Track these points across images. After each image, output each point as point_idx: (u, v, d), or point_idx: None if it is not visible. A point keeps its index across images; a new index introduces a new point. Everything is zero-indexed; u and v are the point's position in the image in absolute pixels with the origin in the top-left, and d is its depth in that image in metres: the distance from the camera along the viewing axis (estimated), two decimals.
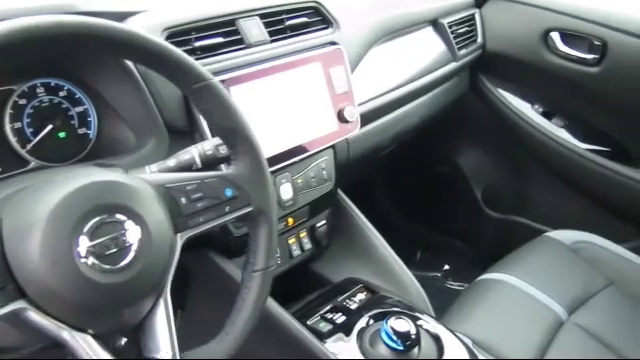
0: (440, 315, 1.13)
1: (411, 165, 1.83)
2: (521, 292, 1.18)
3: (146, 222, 0.58)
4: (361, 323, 0.92)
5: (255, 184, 0.69)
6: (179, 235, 0.64)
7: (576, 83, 1.45)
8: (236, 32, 0.93)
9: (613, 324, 1.16)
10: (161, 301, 0.62)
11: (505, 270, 1.23)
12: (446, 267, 1.82)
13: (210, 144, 0.74)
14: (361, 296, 1.03)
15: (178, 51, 0.64)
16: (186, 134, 0.85)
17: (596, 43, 1.38)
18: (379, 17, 1.21)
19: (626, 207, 1.48)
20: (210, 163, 0.73)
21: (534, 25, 1.47)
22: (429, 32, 1.39)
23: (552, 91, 1.52)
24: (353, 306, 1.00)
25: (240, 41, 0.92)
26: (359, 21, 1.15)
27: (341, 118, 1.03)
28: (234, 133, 0.68)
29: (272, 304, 0.94)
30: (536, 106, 1.55)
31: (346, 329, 0.92)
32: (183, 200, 0.64)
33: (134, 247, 0.57)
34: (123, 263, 0.56)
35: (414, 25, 1.33)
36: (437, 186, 1.81)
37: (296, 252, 1.08)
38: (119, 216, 0.57)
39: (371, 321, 0.92)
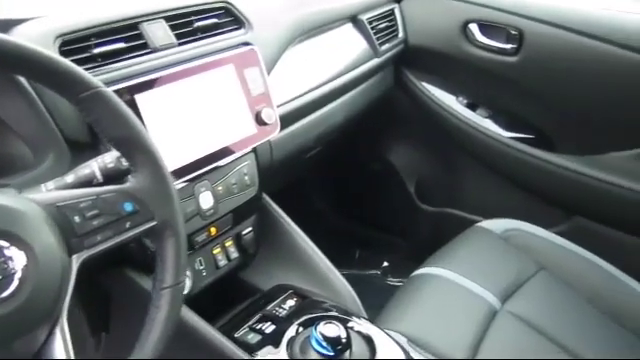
0: (379, 313, 1.12)
1: (343, 164, 1.81)
2: (454, 285, 1.18)
3: (32, 247, 0.54)
4: (291, 331, 0.89)
5: (157, 196, 0.64)
6: (74, 257, 0.59)
7: (497, 73, 1.46)
8: (140, 36, 0.88)
9: (545, 309, 1.17)
10: (57, 330, 0.57)
11: (438, 264, 1.23)
12: (385, 264, 1.81)
13: (111, 156, 0.69)
14: (291, 302, 1.00)
15: (60, 59, 0.59)
16: (89, 147, 0.79)
17: (513, 33, 1.40)
18: (295, 15, 1.18)
19: (552, 192, 1.51)
20: (113, 176, 0.69)
21: (453, 17, 1.48)
22: (349, 29, 1.38)
23: (475, 82, 1.53)
24: (283, 314, 0.97)
25: (144, 45, 0.88)
26: (273, 20, 1.12)
27: (259, 121, 0.99)
28: (130, 143, 0.64)
29: (196, 320, 0.90)
30: (460, 98, 1.56)
31: (275, 339, 0.89)
32: (77, 219, 0.59)
33: (18, 275, 0.52)
34: (5, 293, 0.51)
35: (332, 22, 1.31)
36: (371, 184, 1.80)
37: (222, 262, 1.04)
38: (0, 242, 0.52)
39: (300, 328, 0.89)
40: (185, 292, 0.95)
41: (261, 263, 1.12)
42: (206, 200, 0.96)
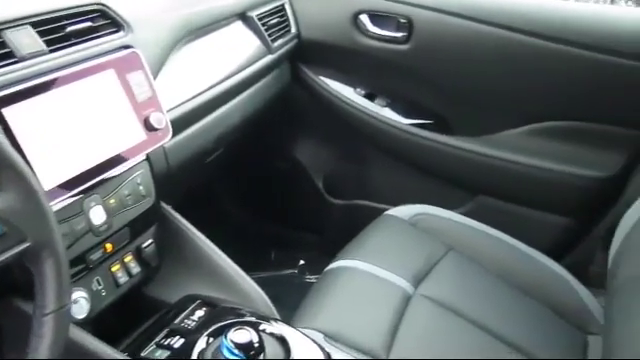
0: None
1: (249, 165, 1.78)
2: (367, 275, 1.17)
3: None
4: (201, 343, 0.84)
5: (28, 215, 0.59)
6: None
7: (391, 62, 1.48)
8: (3, 45, 0.81)
9: (458, 289, 1.20)
10: None
11: (350, 256, 1.22)
12: (301, 262, 1.79)
13: None
14: (200, 313, 0.96)
15: None
16: None
17: (402, 21, 1.43)
18: (178, 15, 1.13)
19: (455, 174, 1.54)
20: None
21: (343, 9, 1.48)
22: (239, 26, 1.34)
23: (370, 72, 1.55)
24: (192, 326, 0.92)
25: (9, 55, 0.81)
26: (155, 21, 1.07)
27: (148, 126, 0.94)
28: None
29: (96, 344, 0.84)
30: (358, 89, 1.57)
31: (185, 353, 0.85)
32: None
33: None
34: None
35: (221, 20, 1.27)
36: (280, 182, 1.78)
37: (123, 279, 0.97)
38: None
39: (211, 339, 0.85)
40: (83, 316, 0.89)
41: (166, 275, 1.06)
42: (97, 215, 0.90)
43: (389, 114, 1.55)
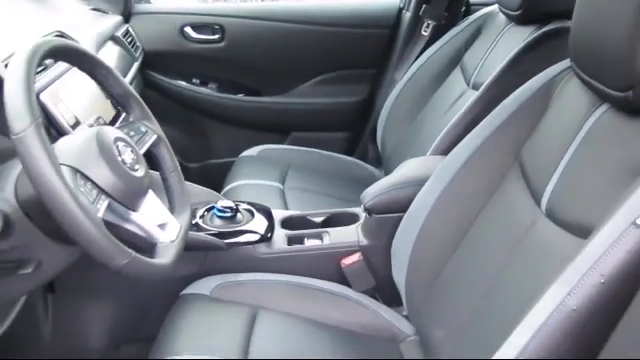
0: None
1: None
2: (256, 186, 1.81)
3: None
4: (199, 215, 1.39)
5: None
6: None
7: (213, 57, 2.16)
8: None
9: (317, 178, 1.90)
10: None
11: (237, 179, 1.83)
12: None
13: None
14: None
15: None
16: None
17: (216, 27, 2.12)
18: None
19: (272, 122, 2.29)
20: None
21: (172, 25, 2.12)
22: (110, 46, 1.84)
23: (201, 67, 2.22)
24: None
25: None
26: None
27: None
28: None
29: None
30: (194, 80, 2.21)
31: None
32: None
33: None
34: None
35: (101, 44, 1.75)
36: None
37: None
38: None
39: (205, 212, 1.40)
40: None
41: None
42: None
43: (220, 93, 2.23)
